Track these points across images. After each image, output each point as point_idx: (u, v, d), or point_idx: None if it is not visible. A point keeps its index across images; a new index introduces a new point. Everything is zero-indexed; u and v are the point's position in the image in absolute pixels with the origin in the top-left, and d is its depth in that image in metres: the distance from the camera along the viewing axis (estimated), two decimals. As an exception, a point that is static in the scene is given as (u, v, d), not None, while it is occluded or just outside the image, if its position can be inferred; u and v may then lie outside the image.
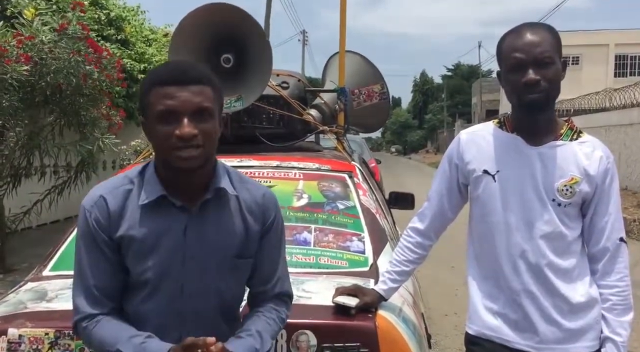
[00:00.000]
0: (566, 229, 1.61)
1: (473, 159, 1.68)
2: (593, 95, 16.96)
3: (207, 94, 1.31)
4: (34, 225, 7.88)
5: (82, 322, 1.35)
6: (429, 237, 1.81)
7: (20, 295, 1.92)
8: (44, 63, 5.39)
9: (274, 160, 2.66)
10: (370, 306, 1.73)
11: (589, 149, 1.63)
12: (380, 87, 3.75)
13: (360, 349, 1.61)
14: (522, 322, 1.61)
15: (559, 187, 1.59)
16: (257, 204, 1.43)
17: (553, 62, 1.55)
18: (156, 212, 1.35)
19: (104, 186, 1.40)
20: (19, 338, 1.63)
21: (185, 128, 1.27)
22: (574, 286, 1.61)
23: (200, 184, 1.37)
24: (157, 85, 1.30)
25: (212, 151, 1.35)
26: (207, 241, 1.36)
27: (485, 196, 1.66)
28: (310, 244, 2.19)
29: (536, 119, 1.61)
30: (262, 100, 2.95)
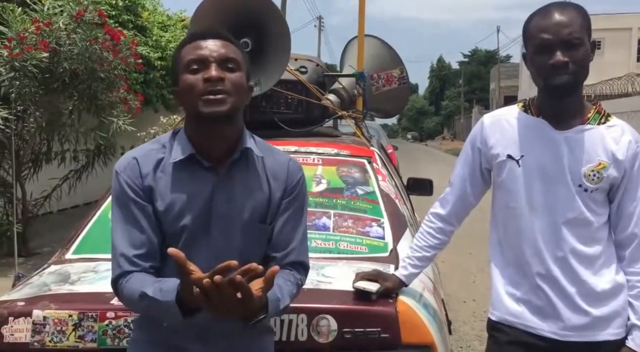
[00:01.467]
0: (592, 216, 1.57)
1: (497, 143, 1.65)
2: (615, 80, 16.64)
3: (235, 50, 1.37)
4: (55, 210, 8.01)
5: (120, 280, 1.36)
6: (451, 223, 1.79)
7: (44, 277, 1.95)
8: (62, 49, 5.42)
9: (292, 145, 2.65)
10: (391, 291, 1.72)
11: (618, 133, 1.58)
12: (399, 72, 3.70)
13: (381, 334, 1.61)
14: (546, 309, 1.59)
15: (586, 173, 1.55)
16: (282, 170, 1.45)
17: (582, 43, 1.51)
18: (186, 171, 1.38)
19: (136, 150, 1.44)
20: (43, 320, 1.66)
21: (213, 71, 1.31)
22: (599, 273, 1.58)
23: (228, 142, 1.39)
24: (189, 42, 1.37)
25: (239, 103, 1.37)
26: (234, 202, 1.39)
27: (508, 181, 1.63)
28: (329, 230, 2.19)
29: (563, 103, 1.57)
30: (281, 85, 2.93)
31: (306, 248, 1.51)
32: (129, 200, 1.37)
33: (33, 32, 5.30)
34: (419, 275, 1.95)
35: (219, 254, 1.37)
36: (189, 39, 1.39)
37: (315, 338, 1.61)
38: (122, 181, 1.38)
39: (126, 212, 1.38)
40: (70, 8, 5.55)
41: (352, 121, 3.22)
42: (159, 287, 1.27)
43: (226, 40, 1.37)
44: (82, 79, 5.76)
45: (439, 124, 62.37)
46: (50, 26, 5.39)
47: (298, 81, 3.03)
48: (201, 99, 1.32)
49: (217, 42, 1.36)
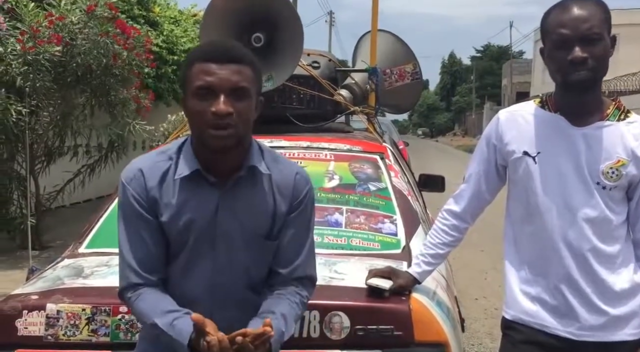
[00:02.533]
0: (611, 214, 1.54)
1: (512, 139, 1.62)
2: (630, 76, 16.42)
3: (247, 74, 1.33)
4: (68, 203, 8.07)
5: (127, 293, 1.38)
6: (465, 220, 1.76)
7: (57, 271, 1.97)
8: (74, 43, 5.45)
9: (304, 141, 2.64)
10: (404, 289, 1.71)
11: (638, 129, 1.55)
12: (412, 67, 3.67)
13: (394, 332, 1.60)
14: (562, 308, 1.56)
15: (604, 170, 1.52)
16: (288, 183, 1.42)
17: (601, 38, 1.48)
18: (190, 187, 1.37)
19: (142, 160, 1.43)
20: (57, 313, 1.67)
21: (221, 105, 1.28)
22: (617, 272, 1.55)
23: (234, 163, 1.37)
24: (198, 61, 1.33)
25: (246, 132, 1.36)
26: (238, 219, 1.38)
27: (525, 178, 1.60)
28: (341, 226, 2.18)
29: (581, 99, 1.54)
30: (293, 80, 2.92)
31: (313, 262, 1.49)
32: (135, 213, 1.37)
33: (46, 26, 5.33)
34: (432, 272, 1.94)
35: (223, 270, 1.39)
36: (200, 57, 1.33)
37: (327, 335, 1.61)
38: (128, 193, 1.38)
39: (132, 224, 1.38)
40: (82, 2, 5.57)
41: (365, 117, 3.20)
42: (170, 323, 1.29)
43: (239, 63, 1.32)
44: (96, 74, 5.79)
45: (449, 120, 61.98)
46: (63, 20, 5.41)
47: (310, 76, 3.01)
48: (208, 132, 1.31)
49: (229, 68, 1.30)
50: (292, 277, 1.43)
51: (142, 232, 1.37)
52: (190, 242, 1.37)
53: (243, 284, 1.41)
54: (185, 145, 1.41)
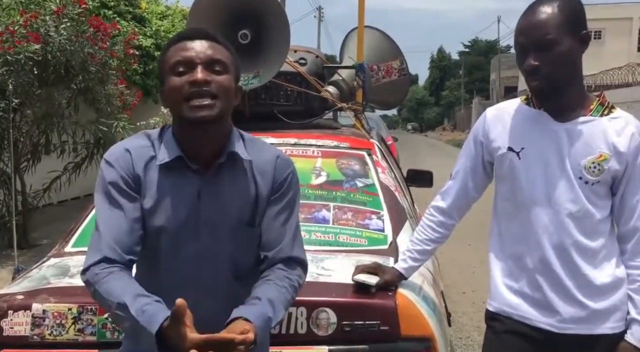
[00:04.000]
0: (594, 209, 1.55)
1: (498, 136, 1.64)
2: (615, 70, 16.58)
3: (223, 51, 1.34)
4: (55, 201, 8.00)
5: (96, 268, 1.29)
6: (452, 216, 1.78)
7: (43, 271, 1.95)
8: (51, 41, 5.40)
9: (291, 137, 2.64)
10: (390, 284, 1.72)
11: (620, 125, 1.55)
12: (399, 63, 3.68)
13: (381, 327, 1.61)
14: (543, 301, 1.58)
15: (586, 165, 1.54)
16: (269, 167, 1.41)
17: (557, 43, 1.46)
18: (172, 173, 1.36)
19: (127, 142, 1.42)
20: (42, 313, 1.66)
21: (199, 74, 1.28)
22: (599, 266, 1.56)
23: (215, 146, 1.36)
24: (174, 43, 1.35)
25: (226, 108, 1.34)
26: (221, 206, 1.36)
27: (509, 173, 1.62)
28: (329, 222, 2.18)
29: (558, 98, 1.56)
30: (280, 77, 2.91)
31: (300, 243, 1.46)
32: (120, 190, 1.34)
33: (21, 25, 5.27)
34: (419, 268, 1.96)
35: (208, 258, 1.37)
36: (175, 40, 1.35)
37: (314, 331, 1.61)
38: (114, 171, 1.35)
39: (114, 202, 1.34)
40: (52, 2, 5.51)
41: (352, 113, 3.21)
42: (141, 308, 1.20)
43: (214, 41, 1.34)
44: (75, 71, 5.75)
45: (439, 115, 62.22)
46: (37, 18, 5.35)
47: (297, 73, 3.01)
48: (187, 104, 1.29)
49: (204, 43, 1.32)
50: (277, 258, 1.40)
51: (124, 211, 1.33)
52: (172, 229, 1.35)
53: (229, 273, 1.38)
54: (167, 132, 1.40)
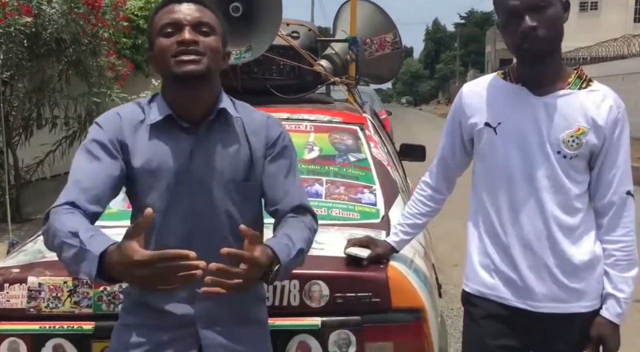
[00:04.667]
0: (571, 183, 1.54)
1: (475, 112, 1.62)
2: (611, 42, 16.49)
3: (210, 15, 1.37)
4: (49, 176, 7.98)
5: (59, 207, 1.25)
6: (440, 192, 1.80)
7: (38, 244, 1.97)
8: (43, 14, 5.31)
9: (284, 112, 2.63)
10: (382, 258, 1.74)
11: (599, 98, 1.53)
12: (392, 36, 3.65)
13: (372, 299, 1.64)
14: (519, 280, 1.57)
15: (565, 139, 1.52)
16: (261, 125, 1.45)
17: (550, 4, 1.45)
18: (163, 133, 1.38)
19: (119, 108, 1.45)
20: (38, 286, 1.68)
21: (187, 34, 1.31)
22: (578, 243, 1.55)
23: (205, 103, 1.38)
24: (163, 7, 1.37)
25: (214, 65, 1.36)
26: (213, 163, 1.38)
27: (486, 149, 1.60)
28: (321, 197, 2.20)
29: (539, 68, 1.53)
30: (272, 50, 2.89)
31: (304, 194, 1.50)
32: (103, 147, 1.35)
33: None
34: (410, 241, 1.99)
35: (203, 216, 1.37)
36: (163, 3, 1.38)
37: (307, 303, 1.64)
38: (101, 132, 1.36)
39: (94, 155, 1.34)
40: None
41: (345, 87, 3.20)
42: (91, 234, 1.15)
43: (201, 4, 1.37)
44: (67, 44, 5.67)
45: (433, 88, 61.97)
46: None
47: (290, 47, 2.99)
48: (174, 60, 1.32)
49: (191, 6, 1.35)
50: (288, 208, 1.43)
51: (102, 164, 1.33)
52: (164, 187, 1.36)
53: (226, 231, 1.38)
54: (157, 96, 1.43)
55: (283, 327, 1.62)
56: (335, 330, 1.63)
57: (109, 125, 1.38)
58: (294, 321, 1.63)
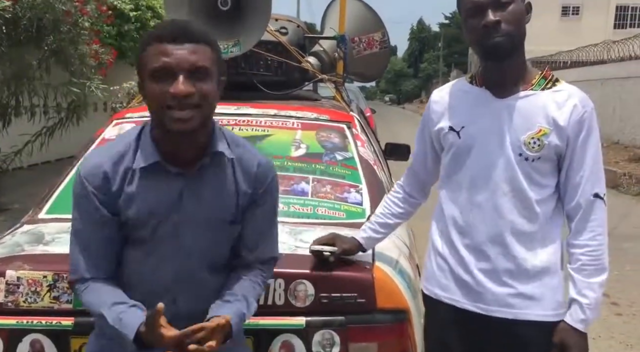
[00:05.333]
0: (532, 188, 1.51)
1: (441, 117, 1.62)
2: (592, 46, 16.73)
3: (206, 53, 1.28)
4: (25, 165, 7.83)
5: (76, 284, 1.40)
6: (414, 196, 1.80)
7: (16, 237, 1.92)
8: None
9: (271, 108, 2.61)
10: (349, 253, 1.72)
11: (562, 97, 1.50)
12: (381, 35, 3.65)
13: (357, 299, 1.64)
14: (472, 283, 1.56)
15: (526, 140, 1.49)
16: (251, 173, 1.42)
17: (513, 0, 1.46)
18: (152, 177, 1.34)
19: (102, 153, 1.38)
20: (17, 280, 1.64)
21: (180, 85, 1.23)
22: (534, 249, 1.52)
23: (196, 149, 1.34)
24: (154, 43, 1.27)
25: (209, 114, 1.32)
26: (202, 205, 1.36)
27: (450, 153, 1.60)
28: (307, 195, 2.19)
29: (503, 67, 1.51)
30: (260, 46, 2.86)
31: (275, 242, 1.52)
32: (93, 208, 1.34)
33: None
34: (396, 241, 1.99)
35: (189, 255, 1.38)
36: (154, 38, 1.27)
37: (292, 302, 1.63)
38: (87, 188, 1.33)
39: (87, 218, 1.35)
40: None
41: (332, 85, 3.18)
42: (118, 317, 1.29)
43: (197, 43, 1.26)
44: (48, 31, 5.55)
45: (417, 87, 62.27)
46: None
47: (278, 43, 2.96)
48: (168, 114, 1.25)
49: (185, 47, 1.24)
50: (257, 261, 1.47)
51: (97, 228, 1.35)
52: (152, 230, 1.36)
53: (205, 268, 1.41)
54: (144, 133, 1.36)
55: (267, 326, 1.61)
56: (319, 330, 1.63)
57: (93, 180, 1.33)
58: (278, 320, 1.62)
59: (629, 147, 12.06)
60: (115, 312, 1.29)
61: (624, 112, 12.85)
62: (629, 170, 9.36)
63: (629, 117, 12.63)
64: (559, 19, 29.59)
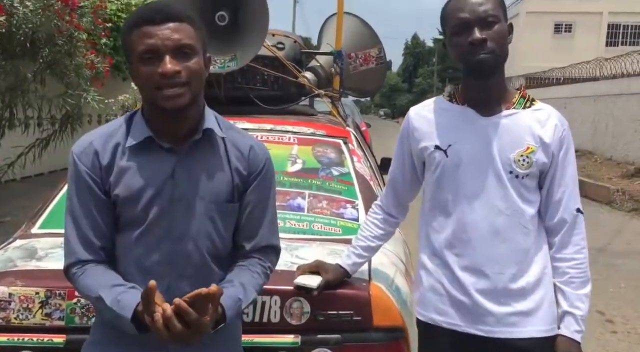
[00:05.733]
0: (524, 205, 1.54)
1: (424, 135, 1.61)
2: (584, 63, 16.91)
3: (188, 31, 1.30)
4: (18, 177, 7.79)
5: (72, 268, 1.35)
6: (392, 215, 1.79)
7: (9, 252, 1.90)
8: (17, 13, 5.20)
9: (268, 123, 2.61)
10: (333, 284, 1.67)
11: (544, 116, 1.55)
12: (377, 51, 3.67)
13: (353, 317, 1.62)
14: (470, 305, 1.55)
15: (515, 158, 1.52)
16: (245, 152, 1.42)
17: (498, 20, 1.49)
18: (144, 154, 1.34)
19: (93, 133, 1.40)
20: (9, 296, 1.62)
21: (168, 65, 1.26)
22: (529, 265, 1.54)
23: (189, 126, 1.35)
24: (137, 26, 1.29)
25: (198, 90, 1.33)
26: (196, 182, 1.35)
27: (437, 172, 1.59)
28: (304, 210, 2.18)
29: (486, 86, 1.54)
30: (257, 61, 2.87)
31: (276, 230, 1.49)
32: (86, 188, 1.34)
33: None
34: (392, 257, 1.98)
35: (183, 237, 1.35)
36: (137, 22, 1.29)
37: (288, 320, 1.62)
38: (79, 167, 1.34)
39: (81, 199, 1.34)
40: None
41: (329, 100, 3.19)
42: (116, 298, 1.26)
43: (178, 21, 1.28)
44: (42, 44, 5.55)
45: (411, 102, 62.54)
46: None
47: (275, 57, 2.97)
48: (159, 94, 1.27)
49: (168, 26, 1.27)
50: (255, 248, 1.43)
51: (92, 208, 1.34)
52: (144, 210, 1.33)
53: (206, 252, 1.37)
54: (137, 114, 1.39)
55: (262, 344, 1.59)
56: (315, 348, 1.61)
57: (85, 159, 1.34)
58: (273, 338, 1.60)
59: (621, 164, 12.14)
60: (114, 293, 1.27)
61: (617, 128, 12.96)
62: (622, 187, 9.43)
63: (622, 134, 12.74)
64: (551, 36, 29.94)
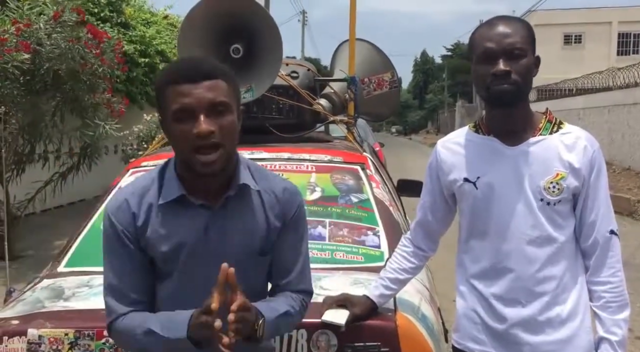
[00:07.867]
0: (557, 232, 1.53)
1: (452, 168, 1.62)
2: (597, 74, 16.81)
3: (222, 88, 1.29)
4: (38, 210, 7.89)
5: (114, 323, 1.37)
6: (422, 249, 1.78)
7: (37, 293, 1.92)
8: (43, 50, 5.33)
9: (285, 152, 2.63)
10: (361, 319, 1.66)
11: (572, 140, 1.54)
12: (390, 76, 3.70)
13: (381, 349, 1.61)
14: (506, 334, 1.55)
15: (545, 186, 1.51)
16: (278, 200, 1.42)
17: (525, 54, 1.48)
18: (177, 211, 1.35)
19: (127, 189, 1.41)
20: (38, 339, 1.64)
21: (202, 125, 1.25)
22: (565, 292, 1.53)
23: (223, 182, 1.36)
24: (171, 84, 1.29)
25: (233, 149, 1.33)
26: (229, 238, 1.36)
27: (469, 204, 1.59)
28: (325, 239, 2.18)
29: (510, 115, 1.53)
30: (272, 90, 2.91)
31: (308, 274, 1.49)
32: (121, 245, 1.35)
33: (13, 33, 5.20)
34: (416, 284, 1.97)
35: None
36: (172, 79, 1.29)
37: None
38: (114, 225, 1.35)
39: (117, 256, 1.36)
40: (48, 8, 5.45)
41: (344, 126, 3.21)
42: (166, 325, 1.27)
43: (212, 79, 1.28)
44: (64, 80, 5.68)
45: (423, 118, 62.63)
46: (30, 27, 5.29)
47: (289, 86, 3.01)
48: (196, 158, 1.27)
49: (203, 84, 1.26)
50: (289, 289, 1.44)
51: (128, 265, 1.36)
52: (180, 266, 1.36)
53: None
54: (169, 168, 1.39)
55: (291, 379, 1.58)
56: (344, 381, 1.59)
57: (120, 216, 1.35)
58: (302, 372, 1.59)
59: (640, 173, 11.97)
60: (163, 323, 1.28)
61: (633, 138, 12.81)
62: (642, 197, 9.27)
63: (639, 143, 12.59)
64: (561, 47, 29.88)
